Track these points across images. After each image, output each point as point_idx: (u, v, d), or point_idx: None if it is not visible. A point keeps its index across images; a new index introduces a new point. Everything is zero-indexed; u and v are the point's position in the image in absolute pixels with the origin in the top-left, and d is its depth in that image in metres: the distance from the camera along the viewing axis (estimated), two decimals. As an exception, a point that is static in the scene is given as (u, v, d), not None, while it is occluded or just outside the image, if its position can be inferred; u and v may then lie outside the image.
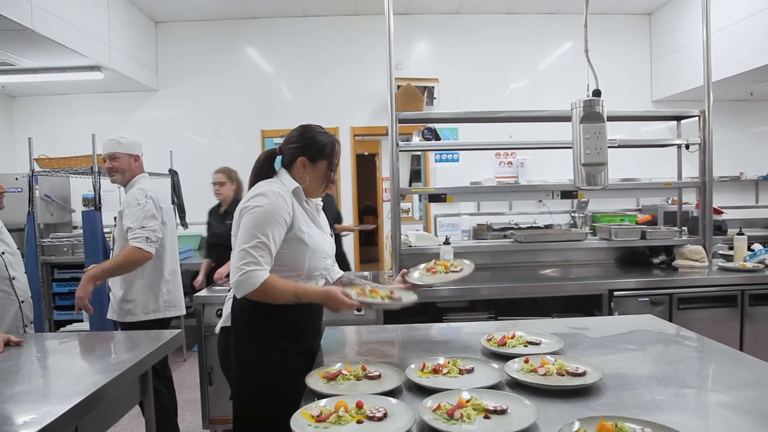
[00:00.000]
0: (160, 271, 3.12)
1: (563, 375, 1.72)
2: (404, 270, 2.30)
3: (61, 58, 5.26)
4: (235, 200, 4.30)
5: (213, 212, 4.58)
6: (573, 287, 3.56)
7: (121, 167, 3.18)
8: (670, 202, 6.47)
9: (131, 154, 3.19)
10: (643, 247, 4.08)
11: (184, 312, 3.30)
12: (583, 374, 1.72)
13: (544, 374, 1.72)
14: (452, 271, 2.29)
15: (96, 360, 2.17)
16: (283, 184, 2.06)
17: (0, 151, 6.53)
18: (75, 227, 6.35)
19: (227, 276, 3.38)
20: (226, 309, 2.12)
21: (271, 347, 1.99)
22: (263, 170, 2.14)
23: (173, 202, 5.40)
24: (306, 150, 2.10)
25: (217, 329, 2.16)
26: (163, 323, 3.11)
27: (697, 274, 3.69)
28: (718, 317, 3.48)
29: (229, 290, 2.11)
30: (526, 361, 1.82)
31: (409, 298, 2.14)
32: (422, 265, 2.41)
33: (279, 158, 2.18)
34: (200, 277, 4.47)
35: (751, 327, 3.48)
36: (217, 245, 4.29)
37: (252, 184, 2.11)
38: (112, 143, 3.17)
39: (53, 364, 2.15)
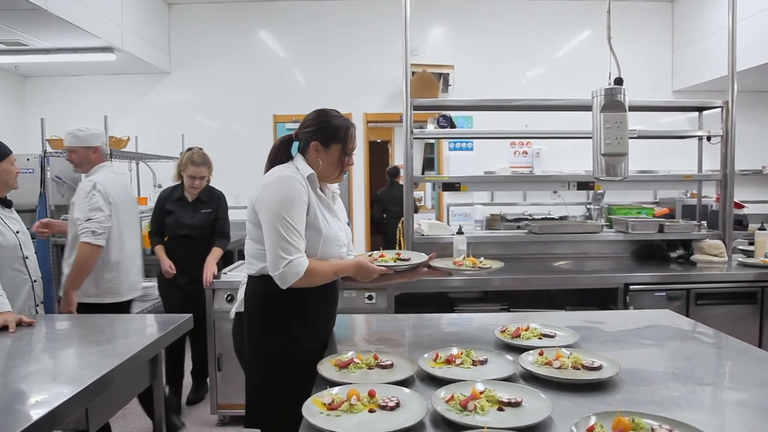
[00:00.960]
0: (102, 261, 3.11)
1: (578, 369, 1.71)
2: (433, 253, 2.27)
3: (74, 39, 5.26)
4: (206, 188, 3.99)
5: (175, 200, 3.98)
6: (588, 280, 3.54)
7: (79, 160, 3.24)
8: (689, 195, 6.40)
9: (89, 146, 3.21)
10: (661, 240, 4.05)
11: (129, 297, 3.29)
12: (599, 368, 1.71)
13: (559, 367, 1.72)
14: (480, 268, 2.25)
15: (106, 342, 2.19)
16: (297, 169, 2.05)
17: (12, 131, 6.58)
18: (85, 209, 6.38)
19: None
20: (240, 294, 2.13)
21: (284, 333, 2.00)
22: (278, 156, 2.13)
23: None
24: (319, 133, 2.08)
25: (232, 314, 2.16)
26: (108, 308, 3.08)
27: (716, 269, 3.66)
28: (736, 314, 3.44)
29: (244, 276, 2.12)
30: (541, 354, 1.81)
31: (419, 258, 2.18)
32: (450, 260, 2.39)
33: (295, 144, 2.17)
34: (168, 268, 3.90)
35: (770, 324, 3.44)
36: (188, 237, 3.91)
37: (267, 170, 2.10)
38: (69, 137, 3.22)
39: (64, 345, 2.18)
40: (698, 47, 6.42)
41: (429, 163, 7.20)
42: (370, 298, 3.45)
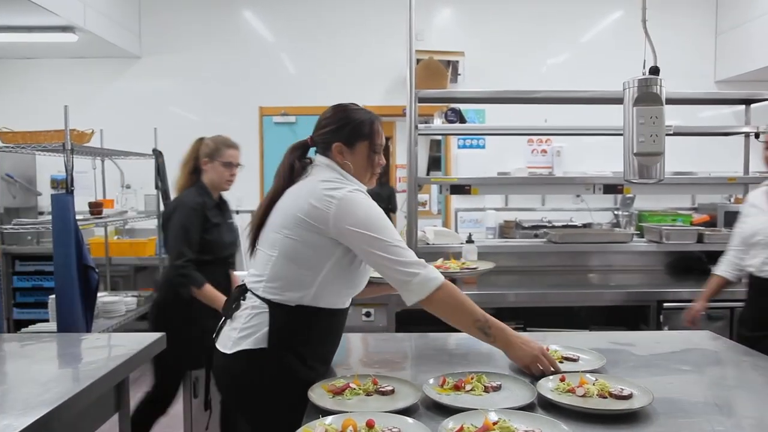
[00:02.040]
0: None
1: (606, 397, 1.71)
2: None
3: (28, 16, 5.26)
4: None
5: (212, 206, 3.35)
6: (615, 296, 3.54)
7: None
8: (732, 200, 6.40)
9: None
10: (700, 252, 4.05)
11: None
12: (629, 397, 1.71)
13: (583, 395, 1.71)
14: (468, 269, 2.28)
15: (65, 366, 2.18)
16: (343, 179, 1.97)
17: (-42, 123, 6.58)
18: (41, 213, 6.38)
19: None
20: (254, 324, 1.90)
21: (304, 369, 1.91)
22: (295, 169, 2.02)
23: (157, 187, 5.41)
24: (340, 132, 2.01)
25: (230, 350, 1.91)
26: None
27: (763, 285, 3.66)
28: (786, 336, 3.44)
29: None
30: (562, 380, 1.81)
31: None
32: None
33: (312, 151, 2.07)
34: None
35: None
36: (226, 260, 3.42)
37: (282, 189, 2.00)
38: None
39: (14, 369, 2.17)
40: (745, 31, 6.44)
41: (435, 163, 7.21)
42: (368, 315, 3.45)
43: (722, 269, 3.23)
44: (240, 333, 1.91)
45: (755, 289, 3.03)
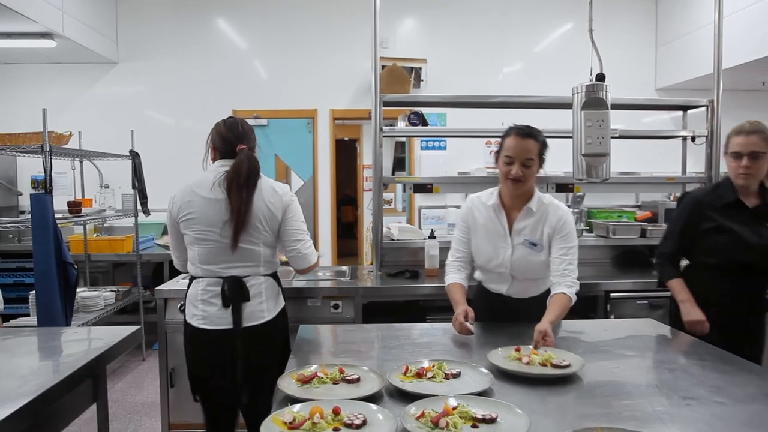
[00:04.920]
0: None
1: (545, 365, 1.89)
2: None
3: (7, 23, 5.12)
4: None
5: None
6: (567, 287, 3.57)
7: None
8: (672, 198, 6.53)
9: None
10: (643, 246, 4.12)
11: None
12: (566, 366, 1.86)
13: (527, 363, 1.91)
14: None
15: (44, 359, 2.13)
16: None
17: (-61, 125, 6.38)
18: (22, 212, 6.23)
19: None
20: (268, 291, 2.46)
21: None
22: None
23: (134, 187, 5.32)
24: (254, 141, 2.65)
25: (272, 314, 2.45)
26: None
27: (700, 276, 3.73)
28: (720, 323, 3.52)
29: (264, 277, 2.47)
30: (517, 350, 2.02)
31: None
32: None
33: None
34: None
35: (755, 333, 3.52)
36: None
37: None
38: None
39: (-6, 361, 2.11)
40: (683, 43, 6.57)
41: (399, 163, 7.20)
42: (336, 306, 3.43)
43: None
44: (267, 302, 2.44)
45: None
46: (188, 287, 2.48)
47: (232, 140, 2.50)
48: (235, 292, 2.36)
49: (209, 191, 2.40)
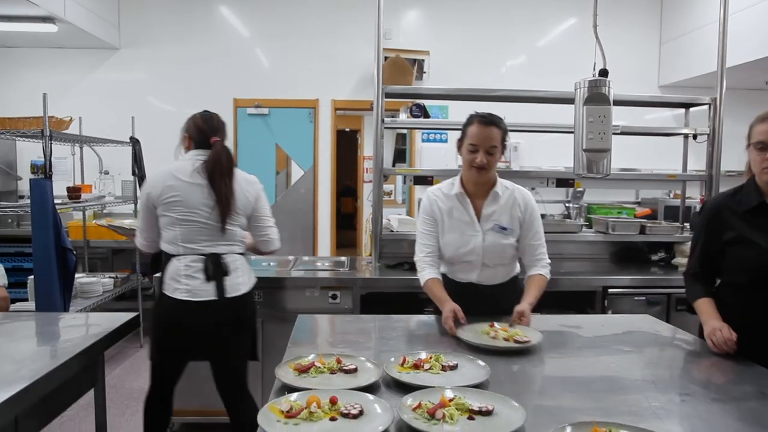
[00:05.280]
0: None
1: (508, 340, 2.09)
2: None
3: (9, 6, 5.10)
4: None
5: None
6: (564, 282, 3.58)
7: None
8: (671, 195, 6.54)
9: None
10: (642, 242, 4.12)
11: None
12: (526, 342, 2.08)
13: (493, 337, 2.12)
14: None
15: (42, 343, 2.13)
16: None
17: (-61, 108, 6.36)
18: (21, 196, 6.23)
19: None
20: (244, 268, 2.73)
21: None
22: None
23: (134, 174, 5.31)
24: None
25: (244, 289, 2.68)
26: None
27: (698, 273, 3.74)
28: (717, 320, 3.53)
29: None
30: (491, 325, 2.21)
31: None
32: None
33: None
34: None
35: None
36: None
37: None
38: None
39: (-8, 346, 2.11)
40: (686, 41, 6.55)
41: (400, 155, 7.20)
42: (334, 297, 3.44)
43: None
44: (243, 276, 2.70)
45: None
46: (165, 265, 2.67)
47: (207, 132, 2.72)
48: (216, 268, 2.62)
49: (190, 177, 2.62)
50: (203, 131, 2.73)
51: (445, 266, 2.67)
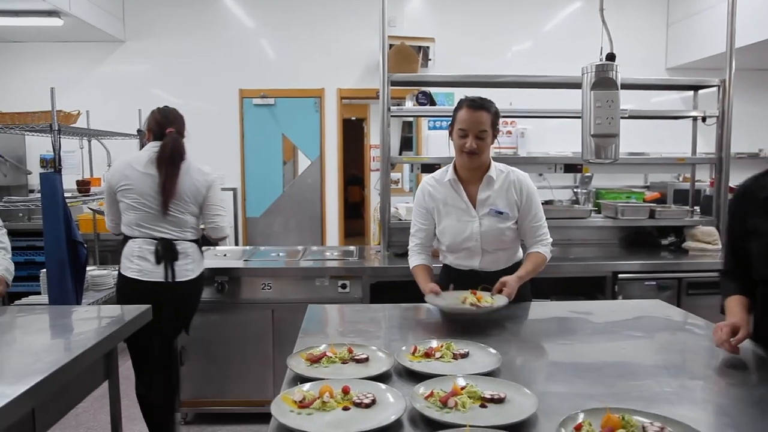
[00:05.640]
0: None
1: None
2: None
3: (14, 1, 5.11)
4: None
5: None
6: (574, 268, 3.58)
7: None
8: (681, 179, 6.50)
9: None
10: (651, 227, 4.11)
11: None
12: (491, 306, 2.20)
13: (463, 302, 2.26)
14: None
15: (56, 336, 2.15)
16: None
17: (-53, 104, 6.38)
18: (32, 190, 6.26)
19: None
20: (195, 255, 3.04)
21: None
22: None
23: (141, 166, 5.31)
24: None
25: (189, 277, 2.96)
26: None
27: (709, 257, 3.73)
28: (729, 304, 3.51)
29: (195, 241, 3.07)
30: (473, 292, 2.28)
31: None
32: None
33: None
34: None
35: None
36: None
37: None
38: None
39: (8, 340, 2.13)
40: (694, 22, 6.48)
41: (407, 143, 7.19)
42: (343, 286, 3.45)
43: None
44: (192, 263, 3.02)
45: None
46: (123, 245, 3.00)
47: (164, 124, 3.03)
48: (166, 252, 2.93)
49: (143, 167, 2.95)
50: (161, 124, 3.04)
51: (447, 255, 2.68)
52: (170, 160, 2.94)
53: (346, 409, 1.42)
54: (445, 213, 2.58)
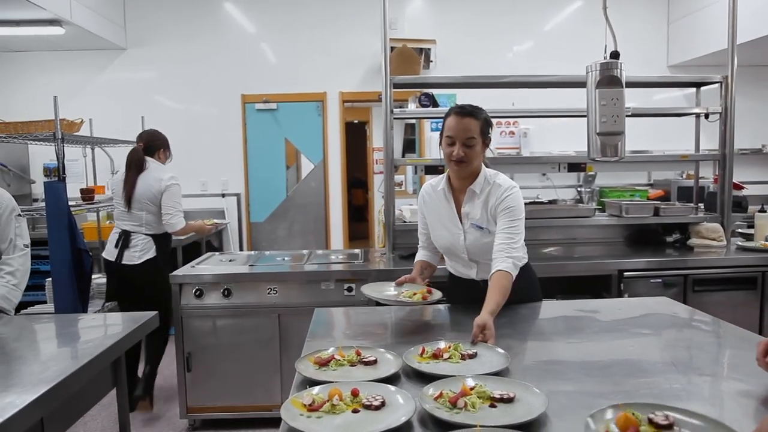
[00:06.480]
0: None
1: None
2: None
3: (16, 10, 5.12)
4: None
5: None
6: (579, 267, 3.58)
7: None
8: (684, 176, 6.49)
9: None
10: (656, 224, 4.10)
11: None
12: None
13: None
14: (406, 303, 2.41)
15: (63, 345, 2.15)
16: None
17: (-49, 114, 6.41)
18: (35, 199, 6.28)
19: None
20: (147, 245, 3.85)
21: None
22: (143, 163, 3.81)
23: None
24: (165, 143, 4.21)
25: (134, 262, 3.82)
26: None
27: (714, 254, 3.72)
28: (735, 301, 3.51)
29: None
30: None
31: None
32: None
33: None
34: None
35: (771, 311, 3.51)
36: None
37: (137, 176, 3.95)
38: None
39: (15, 349, 2.13)
40: (695, 19, 6.48)
41: (410, 145, 7.19)
42: (349, 290, 3.45)
43: None
44: (140, 252, 3.84)
45: None
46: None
47: (138, 141, 4.03)
48: (122, 240, 3.85)
49: (122, 174, 3.94)
50: (138, 140, 4.04)
51: (448, 262, 2.70)
52: (129, 167, 3.88)
53: (355, 411, 1.42)
54: (437, 221, 2.57)
